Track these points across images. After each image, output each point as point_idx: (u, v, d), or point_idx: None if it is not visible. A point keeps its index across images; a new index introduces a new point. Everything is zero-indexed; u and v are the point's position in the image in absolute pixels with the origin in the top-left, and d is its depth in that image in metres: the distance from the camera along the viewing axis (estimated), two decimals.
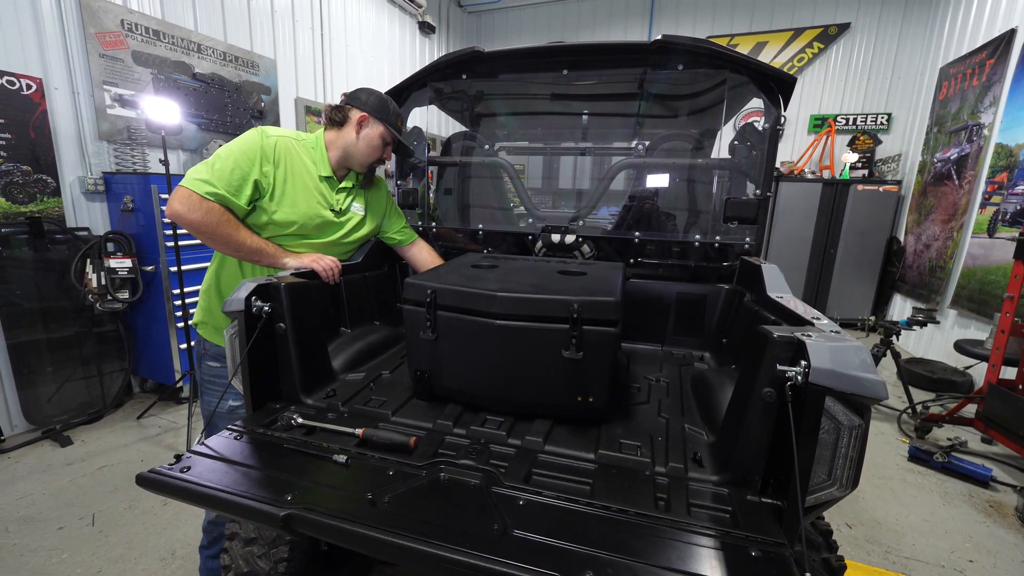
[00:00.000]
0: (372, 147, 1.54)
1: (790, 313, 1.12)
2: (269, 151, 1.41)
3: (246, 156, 1.37)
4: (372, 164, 1.59)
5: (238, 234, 1.37)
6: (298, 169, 1.47)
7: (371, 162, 1.58)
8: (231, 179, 1.35)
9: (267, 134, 1.44)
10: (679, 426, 1.18)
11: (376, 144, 1.54)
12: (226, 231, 1.35)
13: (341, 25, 5.05)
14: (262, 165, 1.40)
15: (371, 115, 1.52)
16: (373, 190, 1.74)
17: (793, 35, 6.04)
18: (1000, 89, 3.84)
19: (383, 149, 1.57)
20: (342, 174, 1.59)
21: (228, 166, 1.35)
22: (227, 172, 1.34)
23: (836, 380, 0.78)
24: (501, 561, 0.72)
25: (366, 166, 1.58)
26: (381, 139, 1.54)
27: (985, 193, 3.91)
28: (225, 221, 1.35)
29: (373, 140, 1.53)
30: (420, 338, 1.21)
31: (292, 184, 1.45)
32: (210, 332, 1.50)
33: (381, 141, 1.55)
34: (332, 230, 1.57)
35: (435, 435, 1.12)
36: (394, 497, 0.88)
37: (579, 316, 1.07)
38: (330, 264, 1.49)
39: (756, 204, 1.66)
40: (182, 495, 0.89)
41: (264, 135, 1.43)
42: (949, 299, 4.19)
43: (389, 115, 1.55)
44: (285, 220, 1.45)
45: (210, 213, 1.32)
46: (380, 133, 1.53)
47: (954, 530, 2.29)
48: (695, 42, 1.57)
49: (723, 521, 0.84)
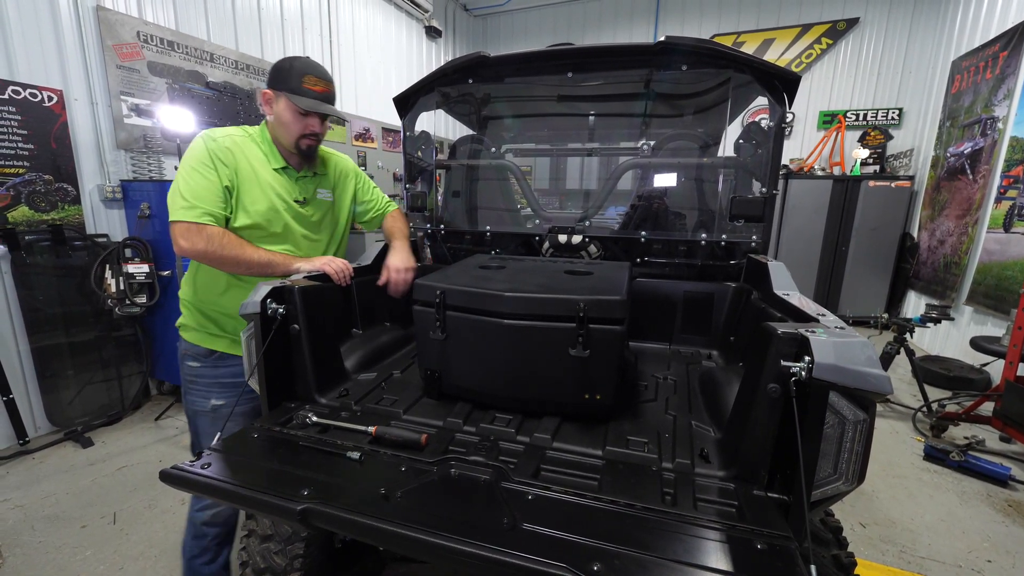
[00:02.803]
0: (286, 123, 1.39)
1: (796, 310, 1.12)
2: (220, 153, 1.33)
3: (204, 166, 1.31)
4: (302, 143, 1.43)
5: (244, 252, 1.33)
6: (250, 166, 1.38)
7: (296, 140, 1.41)
8: (208, 194, 1.30)
9: (212, 137, 1.35)
10: (686, 423, 1.19)
11: (288, 119, 1.38)
12: (233, 253, 1.31)
13: (349, 31, 5.13)
14: (220, 170, 1.33)
15: (272, 90, 1.38)
16: (338, 172, 1.63)
17: (801, 31, 5.99)
18: (1015, 81, 3.77)
19: (300, 122, 1.39)
20: (304, 164, 1.50)
21: (196, 182, 1.29)
22: (200, 189, 1.29)
23: (840, 375, 0.79)
24: (511, 553, 0.73)
25: (296, 147, 1.43)
26: (290, 112, 1.37)
27: (1000, 187, 3.84)
28: (228, 242, 1.31)
29: (283, 116, 1.38)
30: (430, 338, 1.24)
31: (247, 184, 1.37)
32: (190, 333, 1.49)
33: (292, 114, 1.37)
34: (302, 223, 1.49)
35: (445, 433, 1.14)
36: (406, 492, 0.90)
37: (585, 315, 1.09)
38: (341, 267, 1.48)
39: (762, 202, 1.67)
40: (203, 490, 0.93)
41: (209, 139, 1.35)
42: (964, 295, 4.12)
43: (290, 82, 1.35)
44: (246, 225, 1.37)
45: (212, 238, 1.29)
46: (285, 106, 1.36)
47: (971, 530, 2.25)
48: (698, 42, 1.58)
49: (729, 515, 0.85)
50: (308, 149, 1.45)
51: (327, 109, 1.42)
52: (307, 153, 1.47)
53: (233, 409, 1.35)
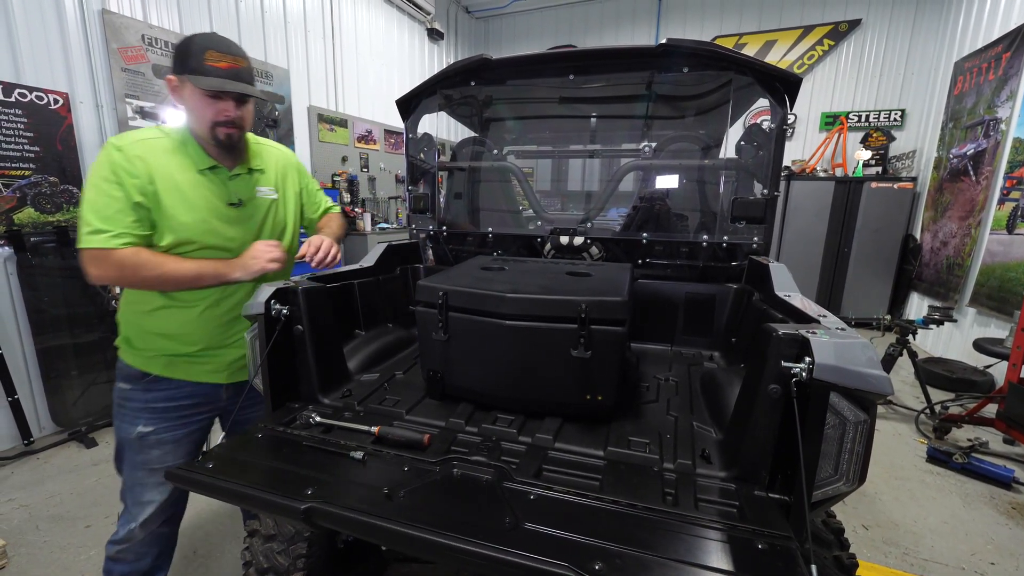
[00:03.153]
0: (196, 111, 1.20)
1: (797, 311, 1.13)
2: (126, 165, 1.16)
3: (107, 182, 1.14)
4: (219, 132, 1.22)
5: (164, 269, 1.17)
6: (167, 173, 1.20)
7: (210, 130, 1.21)
8: (115, 214, 1.14)
9: (117, 146, 1.17)
10: (688, 424, 1.19)
11: (196, 105, 1.18)
12: (153, 273, 1.16)
13: (352, 33, 5.15)
14: (128, 183, 1.15)
15: (175, 75, 1.18)
16: (280, 166, 1.45)
17: (803, 33, 5.99)
18: (1017, 83, 3.77)
19: (211, 107, 1.18)
20: (233, 160, 1.31)
21: (100, 202, 1.14)
22: (105, 209, 1.13)
23: (840, 376, 0.80)
24: (514, 552, 0.74)
25: (212, 138, 1.23)
26: (197, 97, 1.17)
27: (1003, 189, 3.83)
28: (143, 262, 1.15)
29: (191, 103, 1.19)
30: (432, 339, 1.25)
31: (167, 195, 1.19)
32: (124, 352, 1.35)
33: (199, 99, 1.17)
34: (243, 228, 1.32)
35: (448, 433, 1.15)
36: (409, 492, 0.91)
37: (587, 316, 1.09)
38: (280, 255, 1.28)
39: (763, 204, 1.67)
40: (208, 490, 0.94)
41: (113, 148, 1.17)
42: (968, 297, 4.11)
43: (190, 61, 1.15)
44: (173, 243, 1.20)
45: (123, 263, 1.13)
46: (191, 91, 1.17)
47: (975, 532, 2.24)
48: (700, 45, 1.58)
49: (730, 515, 0.85)
50: (228, 139, 1.24)
51: (238, 87, 1.18)
52: (227, 144, 1.25)
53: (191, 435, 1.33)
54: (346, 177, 4.84)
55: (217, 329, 1.33)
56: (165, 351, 1.30)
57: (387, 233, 4.86)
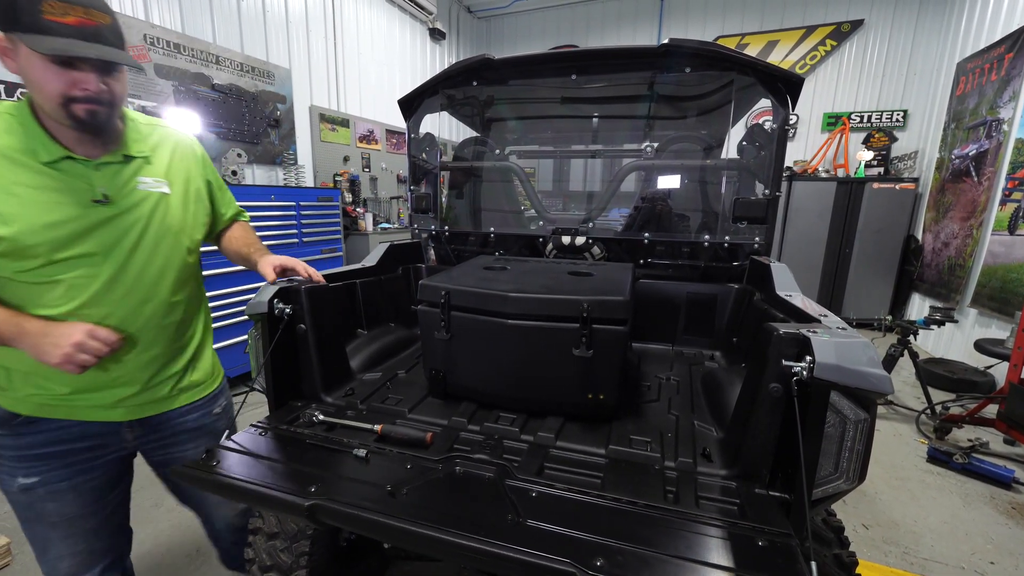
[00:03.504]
0: (37, 84, 0.88)
1: (798, 311, 1.13)
2: None
3: None
4: (75, 110, 0.90)
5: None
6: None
7: (60, 108, 0.89)
8: None
9: None
10: (689, 423, 1.20)
11: (38, 76, 0.87)
12: None
13: (354, 33, 5.16)
14: None
15: (4, 34, 0.86)
16: (176, 152, 1.15)
17: (805, 33, 5.99)
18: (1020, 84, 3.76)
19: (61, 78, 0.87)
20: (100, 145, 1.00)
21: None
22: None
23: (841, 375, 0.80)
24: (516, 548, 0.75)
25: (67, 117, 0.90)
26: (41, 64, 0.86)
27: (1005, 190, 3.83)
28: None
29: (30, 72, 0.87)
30: (435, 338, 1.25)
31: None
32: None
33: (43, 68, 0.86)
34: (111, 233, 1.00)
35: (450, 431, 1.16)
36: (412, 489, 0.91)
37: (589, 315, 1.10)
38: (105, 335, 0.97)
39: (765, 204, 1.68)
40: (213, 487, 0.95)
41: None
42: (969, 298, 4.11)
43: (23, 16, 0.83)
44: (7, 255, 0.91)
45: None
46: (27, 56, 0.85)
47: (975, 532, 2.25)
48: (702, 45, 1.59)
49: (731, 513, 0.86)
50: (92, 118, 0.92)
51: (96, 51, 0.86)
52: (91, 126, 0.93)
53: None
54: (348, 177, 4.85)
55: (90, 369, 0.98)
56: (31, 387, 1.02)
57: (388, 233, 4.87)
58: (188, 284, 1.18)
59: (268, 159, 4.22)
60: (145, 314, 1.06)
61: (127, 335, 1.03)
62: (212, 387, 1.27)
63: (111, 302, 1.01)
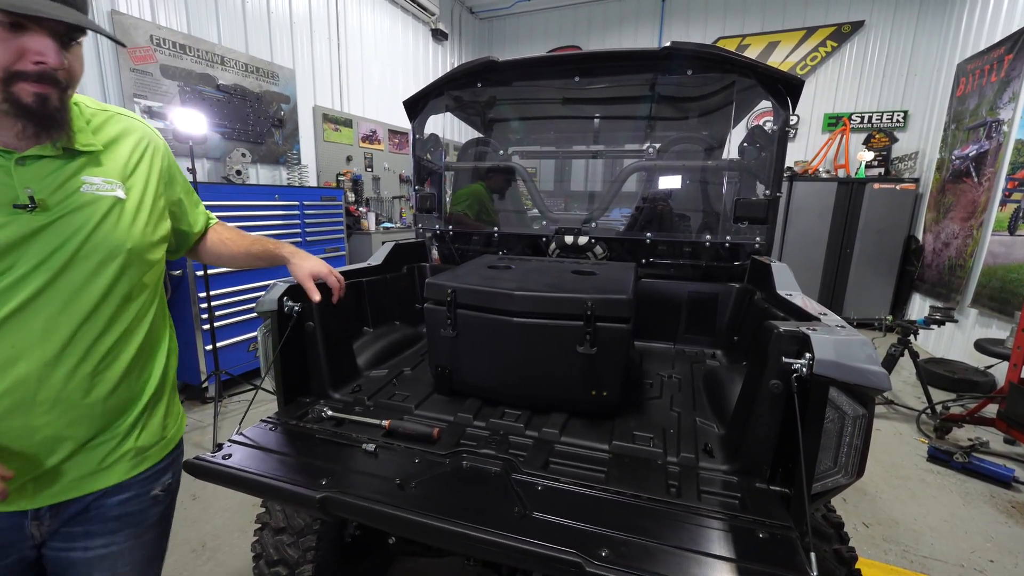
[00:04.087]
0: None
1: (798, 310, 1.15)
2: None
3: None
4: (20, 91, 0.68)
5: None
6: None
7: (2, 85, 0.67)
8: None
9: None
10: (691, 420, 1.22)
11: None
12: None
13: (357, 34, 5.18)
14: None
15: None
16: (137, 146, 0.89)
17: (806, 34, 6.00)
18: (1020, 85, 3.78)
19: (7, 46, 0.65)
20: (30, 139, 0.73)
21: None
22: None
23: (839, 371, 0.82)
24: (523, 539, 0.77)
25: (7, 99, 0.68)
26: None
27: (1005, 190, 3.84)
28: None
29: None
30: (441, 335, 1.28)
31: None
32: None
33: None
34: (40, 246, 0.73)
35: (456, 427, 1.18)
36: (420, 482, 0.94)
37: (593, 313, 1.12)
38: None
39: (766, 204, 1.70)
40: (225, 480, 0.97)
41: None
42: (970, 298, 4.12)
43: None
44: None
45: None
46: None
47: (974, 530, 2.26)
48: (702, 48, 1.61)
49: (732, 506, 0.88)
50: (39, 105, 0.69)
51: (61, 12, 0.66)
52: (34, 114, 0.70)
53: None
54: (351, 176, 4.88)
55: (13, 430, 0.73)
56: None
57: (391, 232, 4.89)
58: (144, 318, 0.87)
59: (272, 159, 4.25)
60: (69, 364, 0.75)
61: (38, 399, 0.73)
62: (160, 455, 0.92)
63: (20, 342, 0.71)
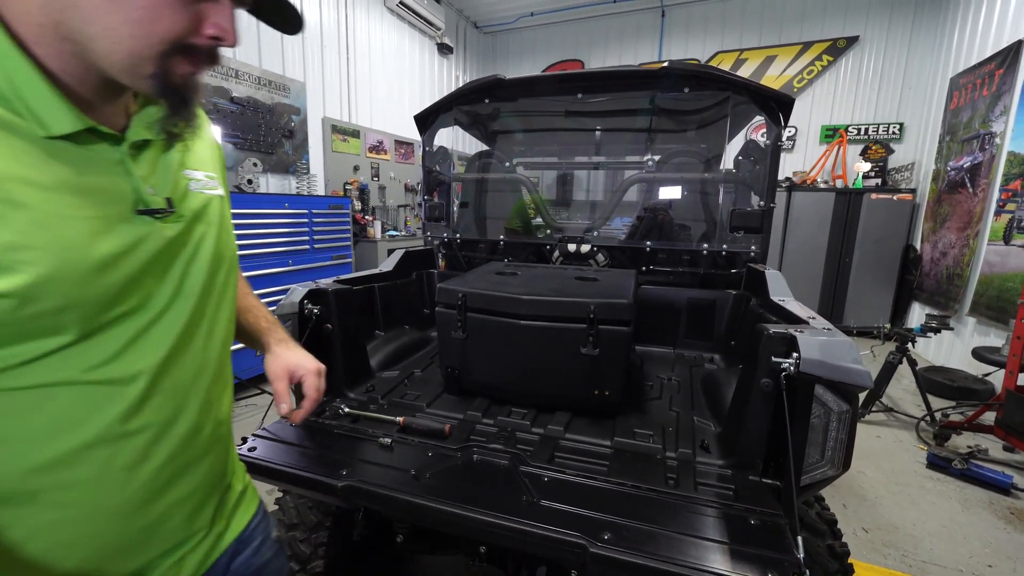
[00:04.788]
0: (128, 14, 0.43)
1: (790, 314, 1.22)
2: None
3: None
4: (176, 68, 0.48)
5: None
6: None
7: (149, 58, 0.45)
8: None
9: None
10: (689, 418, 1.28)
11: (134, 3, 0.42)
12: None
13: (365, 48, 5.34)
14: None
15: None
16: (208, 139, 0.68)
17: (802, 49, 6.13)
18: (1010, 99, 3.87)
19: (180, 8, 0.45)
20: (120, 115, 0.53)
21: None
22: None
23: (824, 370, 0.89)
24: (532, 524, 0.83)
25: (149, 78, 0.47)
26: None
27: (999, 201, 3.91)
28: None
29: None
30: (451, 337, 1.34)
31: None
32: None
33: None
34: (173, 262, 0.56)
35: (466, 424, 1.24)
36: (434, 474, 1.00)
37: (595, 316, 1.19)
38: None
39: (760, 215, 1.77)
40: (251, 470, 1.03)
41: None
42: (967, 307, 4.17)
43: None
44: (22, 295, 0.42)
45: None
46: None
47: (973, 536, 2.29)
48: (699, 68, 1.70)
49: (727, 496, 0.94)
50: (189, 86, 0.51)
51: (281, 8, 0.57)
52: (181, 97, 0.51)
53: None
54: (357, 186, 4.99)
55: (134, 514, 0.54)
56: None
57: (396, 240, 4.99)
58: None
59: (282, 168, 4.36)
60: (217, 409, 0.62)
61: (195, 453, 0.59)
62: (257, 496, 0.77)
63: (178, 395, 0.56)
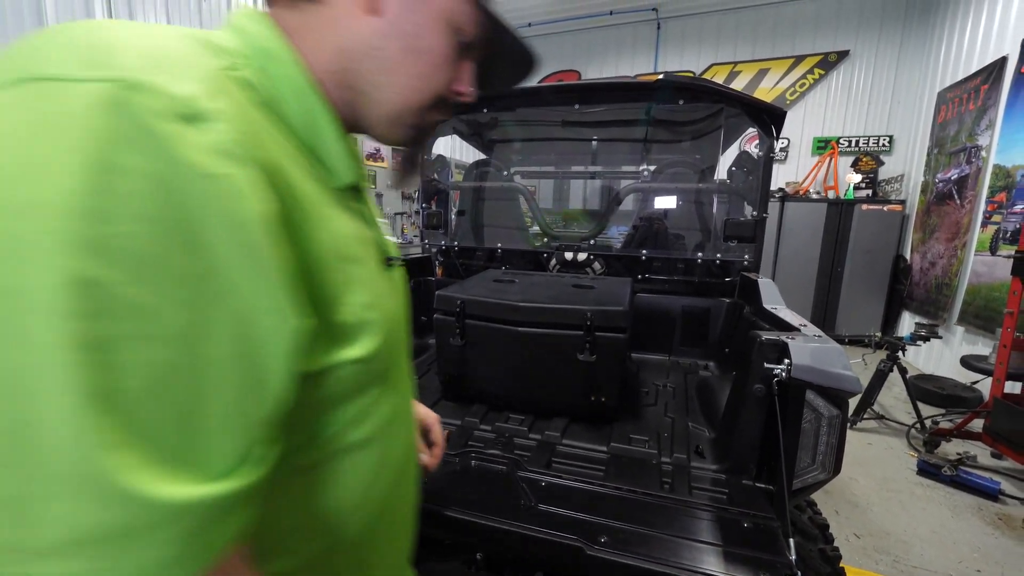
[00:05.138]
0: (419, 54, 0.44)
1: (782, 322, 1.25)
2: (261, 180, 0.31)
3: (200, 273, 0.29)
4: (426, 120, 0.50)
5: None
6: (309, 194, 0.37)
7: (419, 108, 0.47)
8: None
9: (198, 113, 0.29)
10: (683, 424, 1.30)
11: (432, 54, 0.45)
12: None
13: None
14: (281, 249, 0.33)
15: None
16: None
17: (794, 62, 6.27)
18: (995, 113, 3.98)
19: (450, 66, 0.47)
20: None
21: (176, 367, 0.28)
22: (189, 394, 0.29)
23: (814, 375, 0.92)
24: (530, 527, 0.85)
25: (407, 128, 0.49)
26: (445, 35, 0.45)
27: (986, 212, 4.00)
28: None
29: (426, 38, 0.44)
30: (450, 344, 1.36)
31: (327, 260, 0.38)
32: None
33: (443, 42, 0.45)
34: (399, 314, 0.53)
35: (465, 430, 1.26)
36: (433, 478, 1.01)
37: (592, 323, 1.22)
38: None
39: (753, 224, 1.81)
40: None
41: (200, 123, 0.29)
42: (956, 316, 4.24)
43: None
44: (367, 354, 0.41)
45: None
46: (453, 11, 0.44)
47: (962, 541, 2.32)
48: (693, 82, 1.75)
49: (720, 500, 0.96)
50: (428, 136, 0.58)
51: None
52: (418, 146, 0.56)
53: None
54: None
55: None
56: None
57: None
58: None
59: None
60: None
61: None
62: None
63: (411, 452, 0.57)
